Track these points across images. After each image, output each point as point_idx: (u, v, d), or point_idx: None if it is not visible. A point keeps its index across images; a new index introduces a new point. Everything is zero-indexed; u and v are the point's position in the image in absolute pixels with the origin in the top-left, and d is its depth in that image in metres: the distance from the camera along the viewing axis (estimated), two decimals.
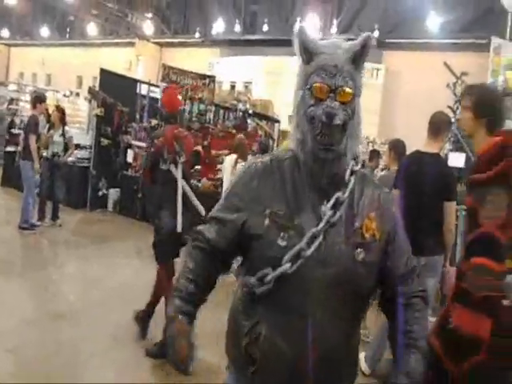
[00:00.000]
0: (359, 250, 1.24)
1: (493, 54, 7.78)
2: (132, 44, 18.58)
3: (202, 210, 3.53)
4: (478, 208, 2.02)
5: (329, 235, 1.23)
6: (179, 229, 3.41)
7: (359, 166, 1.32)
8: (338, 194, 1.24)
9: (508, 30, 4.99)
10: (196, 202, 3.58)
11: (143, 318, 3.68)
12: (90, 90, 8.98)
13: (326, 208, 1.23)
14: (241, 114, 10.08)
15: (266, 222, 1.25)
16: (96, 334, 3.70)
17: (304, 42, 1.25)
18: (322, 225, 1.22)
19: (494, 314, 1.88)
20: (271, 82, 15.31)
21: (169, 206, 3.45)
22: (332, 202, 1.23)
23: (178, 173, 3.48)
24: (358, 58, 1.25)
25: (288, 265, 1.20)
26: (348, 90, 1.22)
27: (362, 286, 1.26)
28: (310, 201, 1.26)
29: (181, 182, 3.48)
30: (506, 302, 1.95)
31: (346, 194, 1.25)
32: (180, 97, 4.57)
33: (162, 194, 3.53)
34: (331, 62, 1.22)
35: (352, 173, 1.28)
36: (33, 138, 6.56)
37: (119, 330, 3.75)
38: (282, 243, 1.22)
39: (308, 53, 1.25)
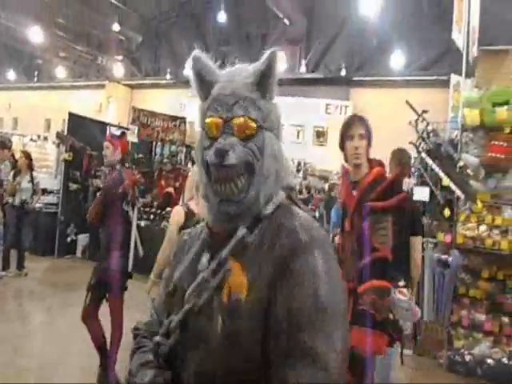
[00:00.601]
0: (219, 317, 0.90)
1: (452, 90, 8.14)
2: (102, 86, 18.61)
3: (141, 251, 3.74)
4: (370, 232, 2.21)
5: (208, 304, 0.94)
6: (129, 269, 3.64)
7: (273, 207, 0.98)
8: (224, 249, 0.95)
9: (464, 68, 5.22)
10: (138, 244, 3.77)
11: (105, 373, 3.55)
12: (58, 135, 8.88)
13: (203, 268, 0.97)
14: None
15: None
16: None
17: (199, 73, 1.01)
18: (190, 290, 0.96)
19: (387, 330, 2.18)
20: None
21: (119, 246, 3.54)
22: (215, 261, 0.95)
23: (134, 215, 3.74)
24: (263, 82, 0.99)
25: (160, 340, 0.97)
26: (248, 120, 0.95)
27: (243, 364, 0.88)
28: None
29: (135, 225, 3.76)
30: (391, 316, 2.23)
31: (232, 244, 0.94)
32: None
33: (114, 233, 3.57)
34: (227, 91, 0.97)
35: (257, 219, 0.96)
36: None
37: (90, 378, 3.60)
38: (166, 321, 1.00)
39: (205, 85, 1.02)
